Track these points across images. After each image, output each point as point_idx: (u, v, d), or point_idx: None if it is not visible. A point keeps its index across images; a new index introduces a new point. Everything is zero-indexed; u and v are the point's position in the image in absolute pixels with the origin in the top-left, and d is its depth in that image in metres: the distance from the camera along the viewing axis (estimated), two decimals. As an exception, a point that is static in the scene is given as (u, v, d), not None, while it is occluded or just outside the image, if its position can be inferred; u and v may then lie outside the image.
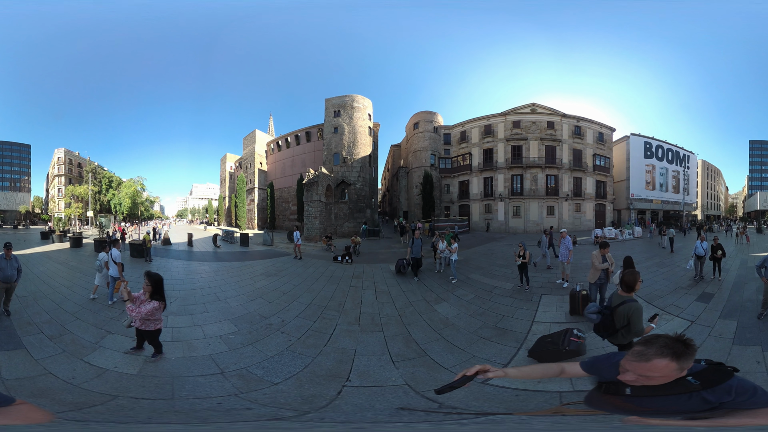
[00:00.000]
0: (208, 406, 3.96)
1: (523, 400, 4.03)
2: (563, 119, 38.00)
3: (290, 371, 4.97)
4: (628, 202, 44.31)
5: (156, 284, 4.99)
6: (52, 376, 4.54)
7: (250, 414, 3.74)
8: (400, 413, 3.68)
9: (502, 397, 4.07)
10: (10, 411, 1.42)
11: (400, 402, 4.12)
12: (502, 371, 1.81)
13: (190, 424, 2.75)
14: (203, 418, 3.44)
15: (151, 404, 3.97)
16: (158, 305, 4.95)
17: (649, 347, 1.42)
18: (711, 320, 6.70)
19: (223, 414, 3.71)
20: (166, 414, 3.78)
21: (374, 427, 2.13)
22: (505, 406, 3.88)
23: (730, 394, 1.38)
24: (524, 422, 1.94)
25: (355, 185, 34.62)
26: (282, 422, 3.27)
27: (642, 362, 1.42)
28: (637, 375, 1.44)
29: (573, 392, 4.07)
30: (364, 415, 3.78)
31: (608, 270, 7.41)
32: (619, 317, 3.61)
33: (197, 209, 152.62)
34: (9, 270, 7.04)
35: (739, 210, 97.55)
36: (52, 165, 76.75)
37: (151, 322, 4.97)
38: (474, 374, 1.72)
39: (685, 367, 1.40)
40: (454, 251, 11.62)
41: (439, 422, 2.38)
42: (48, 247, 20.67)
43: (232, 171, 63.32)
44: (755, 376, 4.54)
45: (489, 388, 4.17)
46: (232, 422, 2.97)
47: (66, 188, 67.54)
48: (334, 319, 7.38)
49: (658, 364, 1.38)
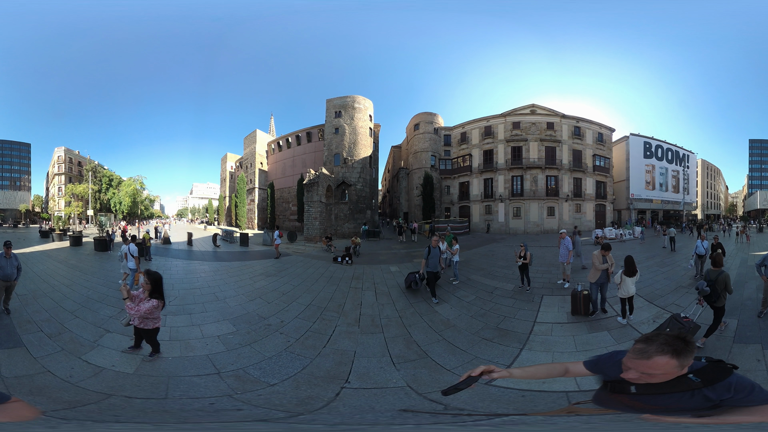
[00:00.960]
0: (198, 407, 3.93)
1: (530, 400, 4.01)
2: (563, 120, 37.99)
3: (288, 372, 4.94)
4: (628, 202, 44.30)
5: (155, 283, 4.98)
6: (50, 374, 4.55)
7: (239, 415, 3.71)
8: (403, 415, 3.64)
9: (508, 398, 4.05)
10: (4, 408, 1.44)
11: (401, 404, 4.09)
12: (507, 372, 1.81)
13: (167, 424, 2.72)
14: (185, 419, 3.41)
15: (143, 403, 3.94)
16: (157, 304, 4.93)
17: (650, 345, 1.43)
18: (711, 319, 6.65)
19: (212, 414, 3.68)
20: (154, 414, 3.75)
21: (376, 429, 2.10)
22: (513, 407, 3.86)
23: (730, 391, 1.40)
24: (544, 422, 1.92)
25: (355, 186, 34.59)
26: (268, 423, 3.23)
27: (643, 359, 1.42)
28: (640, 373, 1.45)
29: (579, 392, 4.05)
30: (362, 417, 3.75)
31: (608, 270, 7.42)
32: (719, 284, 5.41)
33: (197, 208, 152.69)
34: (9, 268, 7.05)
35: (739, 209, 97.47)
36: (52, 164, 76.80)
37: (150, 320, 4.95)
38: (479, 375, 1.72)
39: (685, 364, 1.41)
40: (455, 253, 11.46)
41: (450, 423, 2.35)
42: (48, 245, 20.65)
43: (232, 171, 63.30)
44: (755, 374, 4.57)
45: (494, 389, 4.14)
46: (217, 422, 2.93)
47: (66, 187, 67.56)
48: (333, 320, 7.34)
49: (659, 362, 1.39)
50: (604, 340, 6.13)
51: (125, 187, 66.22)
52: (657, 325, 6.76)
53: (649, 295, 8.54)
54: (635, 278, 6.90)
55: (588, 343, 6.05)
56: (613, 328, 6.61)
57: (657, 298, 8.38)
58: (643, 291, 8.63)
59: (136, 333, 5.20)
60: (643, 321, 6.90)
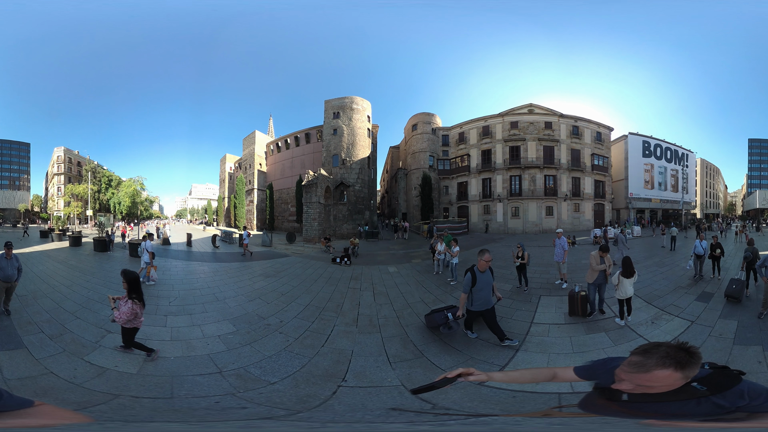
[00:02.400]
0: (205, 405, 4.00)
1: (520, 401, 4.00)
2: (561, 119, 38.06)
3: (287, 371, 5.01)
4: (626, 201, 44.37)
5: (131, 282, 4.96)
6: (53, 376, 4.57)
7: (244, 413, 3.78)
8: (391, 413, 3.71)
9: (498, 398, 4.07)
10: (30, 413, 1.32)
11: (394, 402, 4.16)
12: (486, 375, 1.74)
13: (187, 422, 2.78)
14: (200, 417, 3.48)
15: (152, 403, 4.00)
16: (134, 305, 4.89)
17: (649, 357, 1.34)
18: (711, 320, 6.67)
19: (219, 413, 3.75)
20: (165, 413, 3.82)
21: (351, 427, 2.13)
22: (500, 408, 3.88)
23: (744, 398, 1.34)
24: (516, 424, 1.88)
25: (353, 187, 34.65)
26: (270, 422, 3.29)
27: (640, 373, 1.34)
28: (635, 385, 1.38)
29: (572, 394, 4.03)
30: (353, 415, 3.82)
31: (606, 271, 7.44)
32: (755, 253, 8.48)
33: (196, 209, 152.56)
34: (9, 269, 7.04)
35: (738, 208, 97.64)
36: (51, 163, 76.69)
37: (129, 321, 4.93)
38: (455, 377, 1.67)
39: (689, 375, 1.33)
40: (455, 254, 11.40)
41: (423, 422, 2.37)
42: (47, 245, 20.68)
43: (231, 172, 63.33)
44: (758, 376, 4.48)
45: (485, 389, 4.18)
46: (224, 421, 3.00)
47: (65, 187, 67.49)
48: (331, 320, 7.42)
49: (659, 375, 1.32)
50: (602, 342, 6.07)
51: (125, 188, 66.16)
52: (656, 326, 6.66)
53: (648, 295, 8.48)
54: (633, 279, 6.82)
55: (585, 344, 6.01)
56: (611, 330, 6.54)
57: (656, 298, 8.30)
58: (642, 292, 8.58)
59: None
60: (641, 322, 6.82)
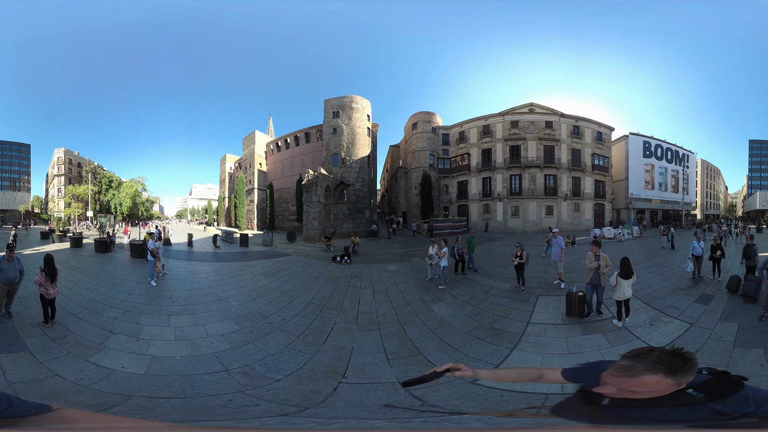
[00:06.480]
0: (221, 404, 4.04)
1: (507, 400, 4.01)
2: (561, 119, 38.10)
3: (290, 368, 5.12)
4: (627, 201, 44.39)
5: (45, 261, 6.82)
6: (59, 378, 4.55)
7: (258, 410, 3.85)
8: (384, 410, 3.79)
9: (486, 396, 4.11)
10: (49, 418, 1.23)
11: (389, 399, 4.25)
12: (472, 371, 1.76)
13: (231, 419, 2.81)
14: (229, 416, 3.51)
15: (168, 403, 4.02)
16: (41, 275, 6.59)
17: (638, 362, 1.27)
18: (711, 322, 6.56)
19: (237, 411, 3.79)
20: (186, 412, 3.83)
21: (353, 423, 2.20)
22: (481, 407, 3.91)
23: (749, 404, 1.26)
24: (486, 420, 1.89)
25: (353, 186, 34.72)
26: (288, 418, 3.37)
27: (627, 377, 1.29)
28: (619, 389, 1.33)
29: (560, 395, 4.13)
30: (351, 412, 3.90)
31: (599, 270, 7.28)
32: None
33: (197, 210, 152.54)
34: (11, 272, 6.96)
35: (738, 209, 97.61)
36: (51, 165, 76.75)
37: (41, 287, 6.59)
38: (444, 371, 1.71)
39: (683, 381, 1.27)
40: (442, 255, 10.50)
41: (391, 420, 2.43)
42: (48, 247, 20.75)
43: (231, 171, 63.37)
44: (759, 379, 4.41)
45: (476, 388, 4.24)
46: (247, 419, 3.05)
47: (66, 188, 67.55)
48: (332, 317, 7.51)
49: (647, 380, 1.25)
50: (598, 343, 6.02)
51: (126, 189, 66.20)
52: (654, 328, 6.55)
53: (647, 297, 8.38)
54: (631, 280, 6.69)
55: (580, 345, 5.99)
56: (608, 331, 6.49)
57: (654, 300, 8.18)
58: (641, 293, 8.47)
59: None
60: (640, 324, 6.73)
